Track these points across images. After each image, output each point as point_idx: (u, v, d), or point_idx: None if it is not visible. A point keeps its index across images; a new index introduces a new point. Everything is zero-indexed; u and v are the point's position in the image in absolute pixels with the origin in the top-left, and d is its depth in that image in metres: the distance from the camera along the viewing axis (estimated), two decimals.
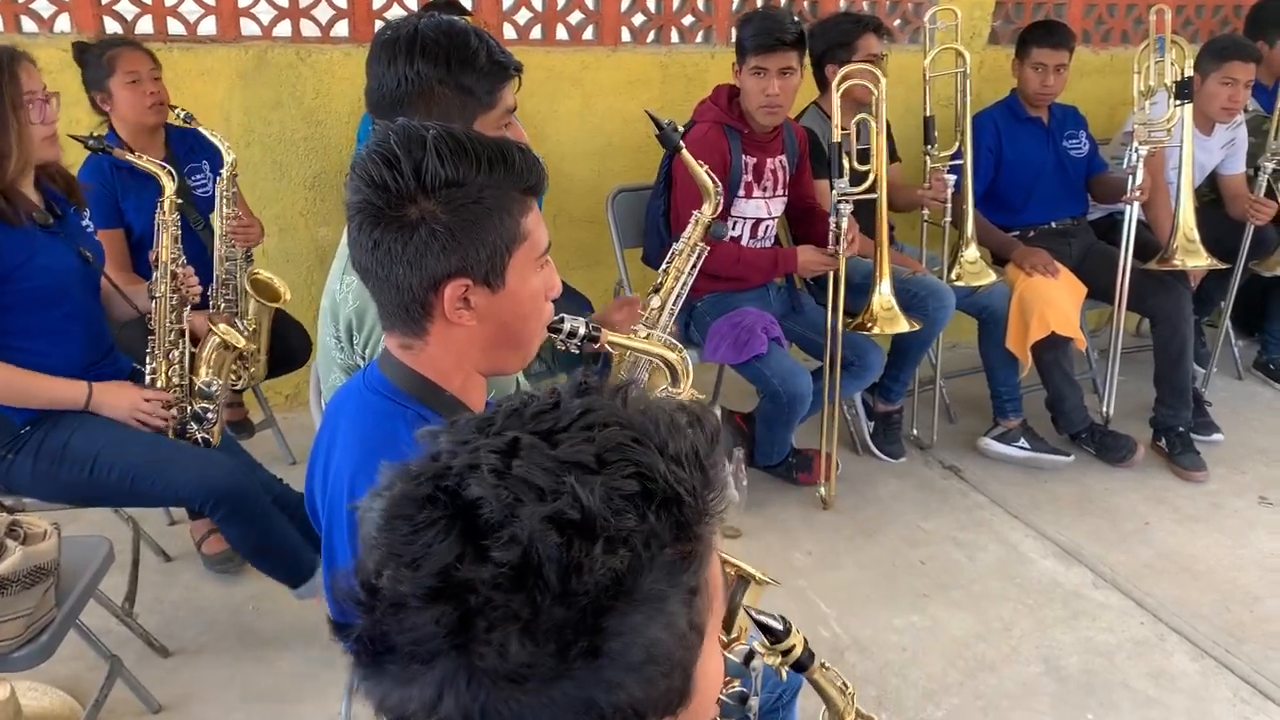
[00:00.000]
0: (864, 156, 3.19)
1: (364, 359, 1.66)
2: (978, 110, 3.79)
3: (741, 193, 3.15)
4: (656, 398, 0.74)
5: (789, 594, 2.86)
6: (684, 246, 2.45)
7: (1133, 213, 3.48)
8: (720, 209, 2.16)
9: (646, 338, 1.44)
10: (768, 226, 3.25)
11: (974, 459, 3.65)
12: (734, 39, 3.07)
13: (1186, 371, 3.59)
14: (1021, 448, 3.57)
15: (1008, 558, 3.09)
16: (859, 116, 3.16)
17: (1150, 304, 3.61)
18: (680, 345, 1.46)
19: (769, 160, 3.19)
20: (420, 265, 1.18)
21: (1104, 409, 3.70)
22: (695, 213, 2.32)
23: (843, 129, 3.02)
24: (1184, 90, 3.38)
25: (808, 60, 3.17)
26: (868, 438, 3.65)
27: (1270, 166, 3.71)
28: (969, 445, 3.71)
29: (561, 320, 1.39)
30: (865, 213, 3.13)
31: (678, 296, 2.41)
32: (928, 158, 3.48)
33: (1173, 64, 3.39)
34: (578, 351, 1.92)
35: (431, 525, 0.67)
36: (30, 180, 2.27)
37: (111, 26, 3.31)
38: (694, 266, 2.45)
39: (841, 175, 3.00)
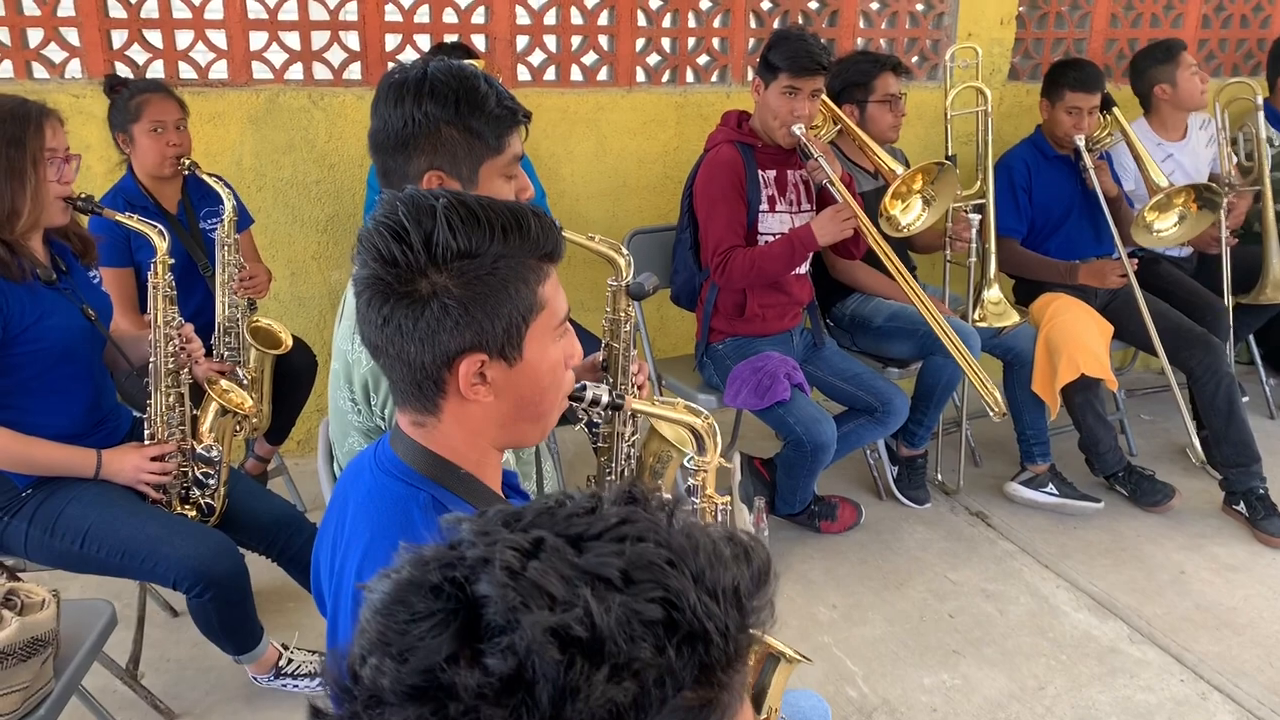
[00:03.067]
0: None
1: (384, 420, 1.60)
2: (1000, 148, 3.74)
3: (764, 206, 3.08)
4: (707, 523, 0.66)
5: (813, 651, 2.76)
6: (611, 322, 1.98)
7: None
8: (631, 267, 1.90)
9: (673, 404, 1.36)
10: None
11: (1001, 504, 3.56)
12: (761, 58, 3.00)
13: (1244, 423, 3.44)
14: (1050, 494, 3.47)
15: (1039, 610, 2.98)
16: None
17: (1185, 357, 3.50)
18: (705, 411, 1.38)
19: (790, 173, 3.12)
20: (433, 342, 1.11)
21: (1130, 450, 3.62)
22: (608, 284, 1.95)
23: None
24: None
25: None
26: (891, 483, 3.56)
27: None
28: (995, 490, 3.62)
29: (584, 388, 1.32)
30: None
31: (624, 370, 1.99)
32: (951, 201, 3.40)
33: None
34: (601, 420, 1.87)
35: (429, 617, 0.61)
36: (39, 236, 2.22)
37: (123, 71, 3.28)
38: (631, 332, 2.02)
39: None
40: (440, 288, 1.10)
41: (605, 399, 1.32)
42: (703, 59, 3.89)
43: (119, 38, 3.29)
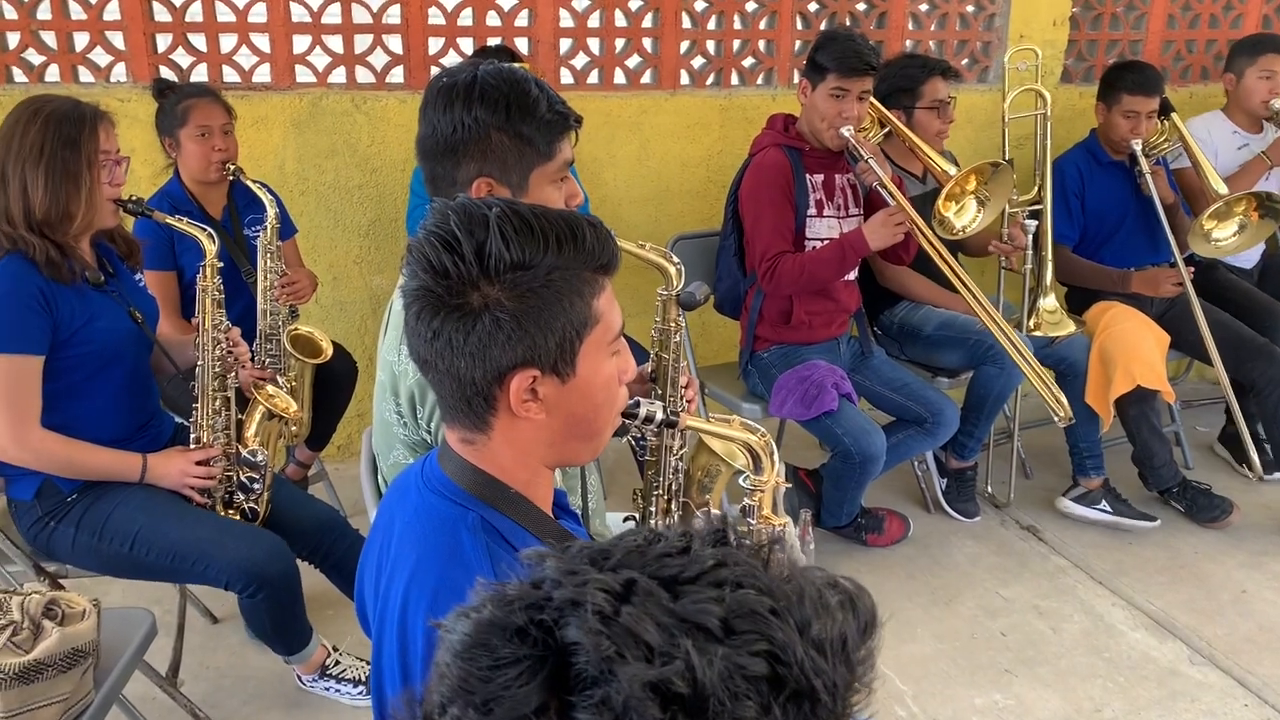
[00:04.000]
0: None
1: (430, 433, 1.56)
2: (1052, 153, 3.65)
3: (812, 210, 3.01)
4: (805, 566, 0.61)
5: None
6: (660, 332, 1.90)
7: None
8: (682, 276, 1.83)
9: (728, 421, 1.31)
10: None
11: (1053, 518, 3.46)
12: (808, 59, 2.94)
13: None
14: (1104, 510, 3.37)
15: (1095, 629, 2.89)
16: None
17: (1246, 369, 3.39)
18: (762, 429, 1.32)
19: (837, 176, 3.06)
20: (484, 357, 1.07)
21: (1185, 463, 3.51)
22: (658, 294, 1.88)
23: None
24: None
25: None
26: (940, 495, 3.47)
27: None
28: (1047, 503, 3.52)
29: (637, 405, 1.27)
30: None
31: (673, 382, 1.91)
32: (1005, 203, 3.32)
33: None
34: (655, 438, 1.81)
35: (515, 663, 0.56)
36: (88, 238, 2.21)
37: (167, 75, 3.28)
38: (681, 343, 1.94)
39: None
40: (492, 300, 1.05)
41: (659, 416, 1.27)
42: (748, 61, 3.83)
43: (164, 41, 3.29)
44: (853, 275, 3.12)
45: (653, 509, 1.90)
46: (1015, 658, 2.76)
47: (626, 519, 1.95)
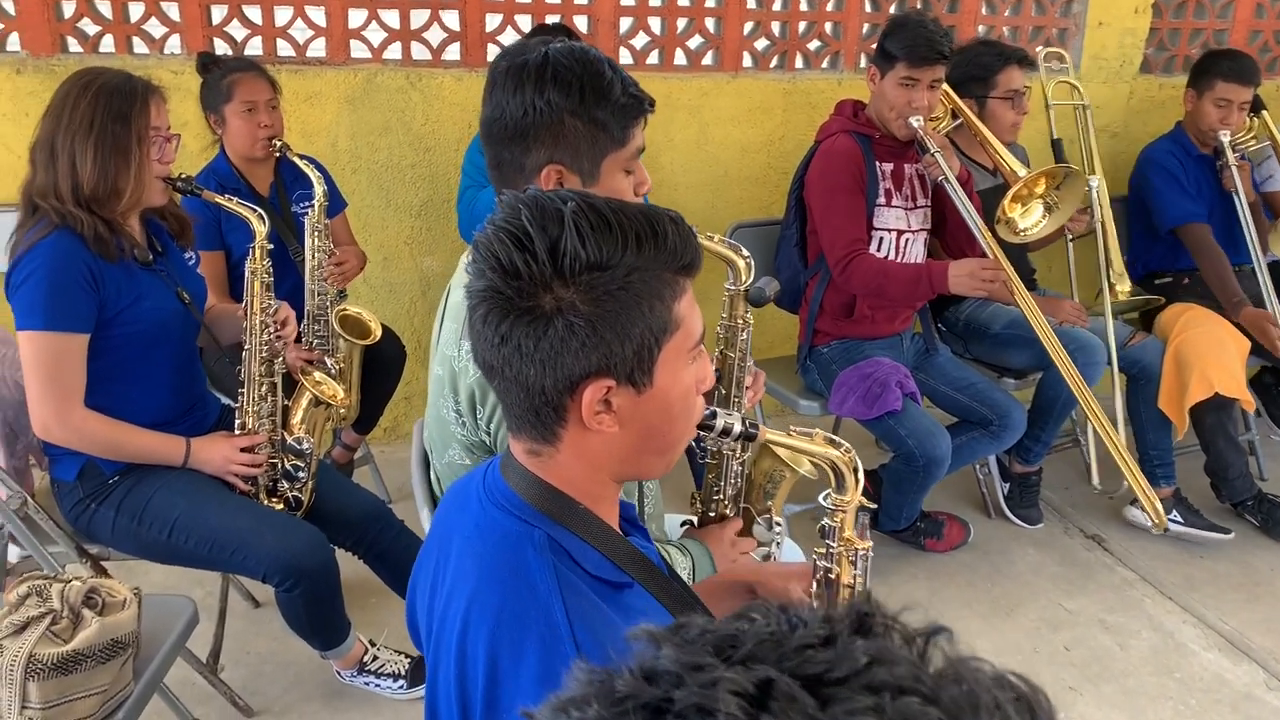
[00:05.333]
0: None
1: (489, 435, 1.47)
2: (1129, 144, 3.51)
3: (881, 200, 2.89)
4: (969, 660, 0.51)
5: None
6: (727, 329, 1.80)
7: None
8: (752, 270, 1.71)
9: (810, 435, 1.21)
10: (909, 240, 2.95)
11: (1119, 527, 3.33)
12: (878, 45, 2.82)
13: None
14: (1175, 521, 3.22)
15: (1164, 647, 2.76)
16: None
17: None
18: (846, 444, 1.22)
19: (906, 166, 2.93)
20: (555, 364, 0.98)
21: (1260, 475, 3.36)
22: (726, 288, 1.75)
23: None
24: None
25: None
26: (1001, 500, 3.35)
27: None
28: (1113, 511, 3.39)
29: (714, 416, 1.17)
30: (1011, 256, 2.87)
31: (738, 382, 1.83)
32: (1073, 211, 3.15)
33: None
34: (731, 452, 1.72)
35: None
36: (137, 216, 2.15)
37: (221, 48, 3.22)
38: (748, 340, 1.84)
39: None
40: (566, 304, 0.96)
41: (738, 428, 1.17)
42: (814, 44, 3.70)
43: (218, 13, 3.23)
44: None
45: (712, 514, 1.81)
46: (1080, 674, 2.65)
47: (684, 524, 1.86)
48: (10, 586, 1.80)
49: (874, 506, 1.38)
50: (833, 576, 1.23)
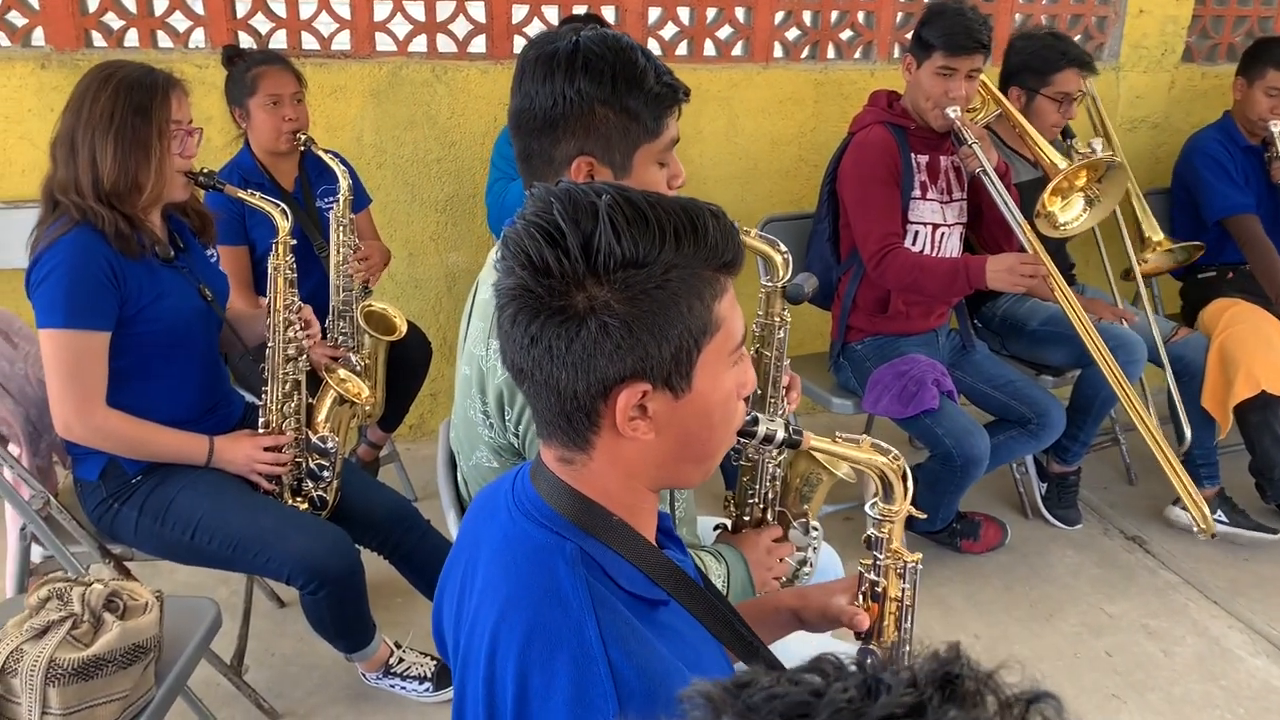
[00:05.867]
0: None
1: (517, 437, 1.42)
2: (1171, 135, 3.41)
3: (916, 193, 2.82)
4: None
5: None
6: (763, 327, 1.72)
7: None
8: (790, 266, 1.64)
9: (855, 442, 1.15)
10: (945, 235, 2.87)
11: (1160, 528, 3.24)
12: (914, 34, 2.74)
13: None
14: (1220, 521, 3.12)
15: (1209, 653, 2.68)
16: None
17: None
18: (894, 450, 1.16)
19: (942, 159, 2.86)
20: (588, 367, 0.92)
21: None
22: (762, 285, 1.68)
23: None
24: None
25: None
26: (1039, 501, 3.27)
27: None
28: (1154, 512, 3.30)
29: (755, 422, 1.11)
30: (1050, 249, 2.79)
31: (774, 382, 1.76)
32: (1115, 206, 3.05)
33: None
34: (781, 466, 1.66)
35: None
36: (158, 212, 2.11)
37: (246, 41, 3.19)
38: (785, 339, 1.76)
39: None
40: (600, 303, 0.91)
41: (780, 435, 1.12)
42: (846, 34, 3.63)
43: (243, 6, 3.19)
44: None
45: (746, 517, 1.75)
46: (1123, 681, 2.57)
47: (717, 528, 1.80)
48: (32, 588, 1.77)
49: (923, 516, 1.32)
50: (880, 590, 1.17)
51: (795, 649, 1.48)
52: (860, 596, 1.20)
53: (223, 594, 2.73)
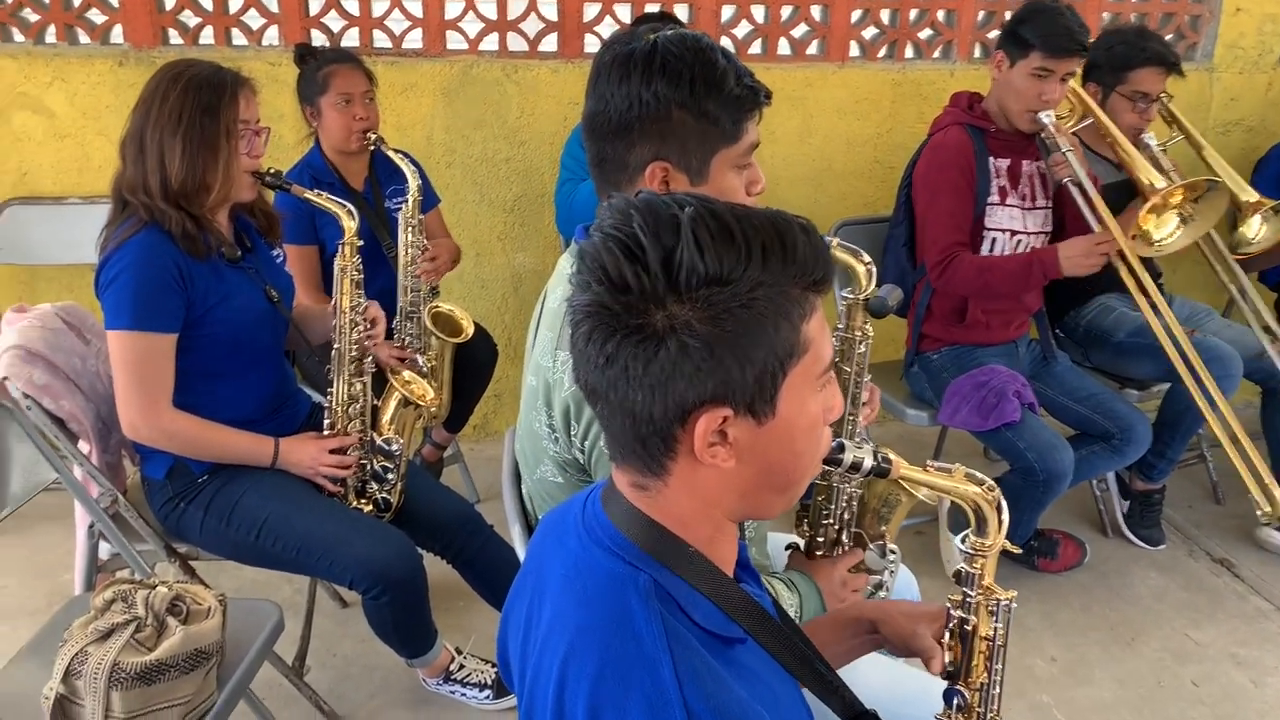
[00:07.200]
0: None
1: (582, 453, 1.37)
2: (1266, 139, 3.25)
3: (994, 198, 2.72)
4: None
5: (1030, 710, 2.43)
6: (843, 341, 1.64)
7: None
8: (873, 277, 1.58)
9: (949, 471, 1.08)
10: (1024, 243, 2.77)
11: (1249, 551, 3.09)
12: (1009, 31, 2.63)
13: None
14: None
15: None
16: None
17: None
18: (990, 480, 1.09)
19: (1024, 163, 2.75)
20: (665, 390, 0.87)
21: None
22: (844, 296, 1.62)
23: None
24: None
25: None
26: (1120, 518, 3.14)
27: None
28: (1243, 533, 3.15)
29: (841, 449, 1.05)
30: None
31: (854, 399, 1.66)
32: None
33: None
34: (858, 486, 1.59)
35: None
36: (225, 212, 2.10)
37: (318, 39, 3.19)
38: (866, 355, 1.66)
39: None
40: (680, 323, 0.85)
41: (868, 463, 1.05)
42: (925, 33, 3.53)
43: (316, 4, 3.20)
44: None
45: (820, 538, 1.68)
46: (1210, 713, 2.45)
47: (789, 547, 1.73)
48: (98, 588, 1.77)
49: (1018, 551, 1.24)
50: (969, 628, 1.10)
51: (871, 678, 1.41)
52: (947, 632, 1.13)
53: (286, 592, 2.73)
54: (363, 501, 2.24)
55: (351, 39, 3.25)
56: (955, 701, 1.12)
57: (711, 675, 0.89)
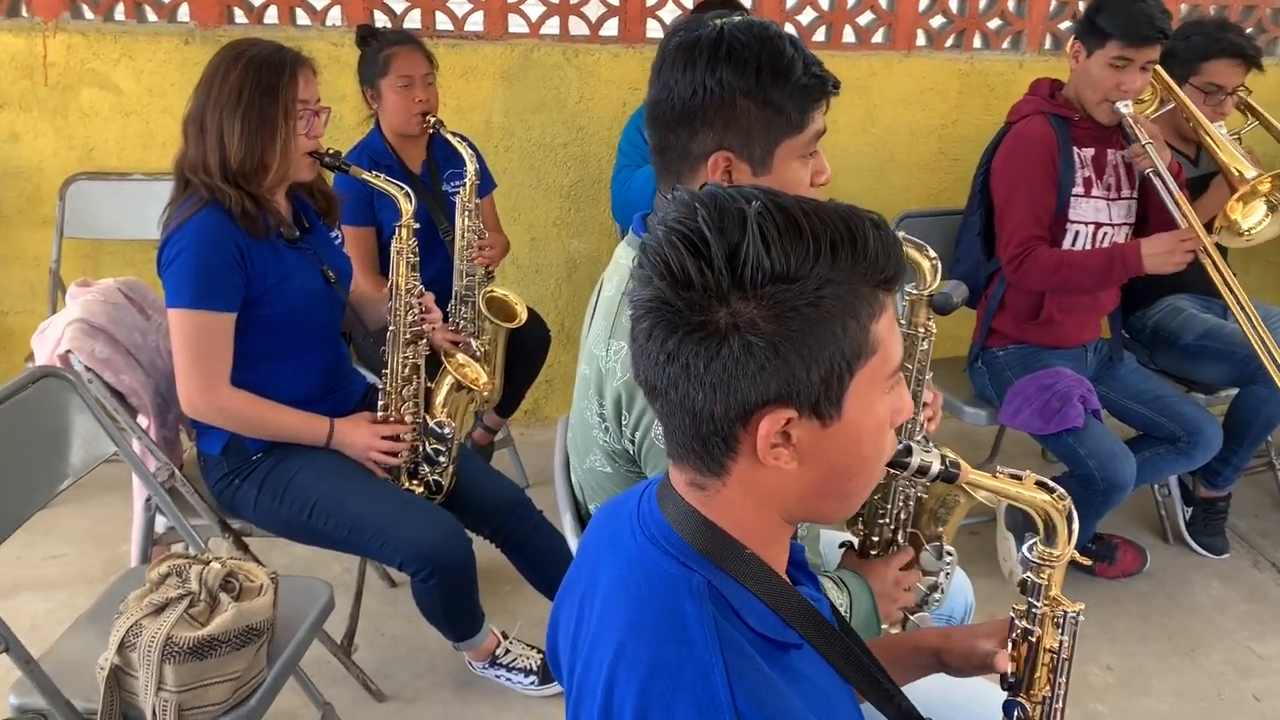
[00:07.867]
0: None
1: (632, 443, 1.36)
2: None
3: (1079, 189, 2.64)
4: None
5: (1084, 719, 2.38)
6: (906, 338, 1.57)
7: None
8: (938, 272, 1.53)
9: (1018, 478, 1.05)
10: (1108, 235, 2.69)
11: None
12: (1086, 20, 2.54)
13: None
14: None
15: None
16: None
17: None
18: (1061, 489, 1.05)
19: (1110, 152, 2.67)
20: (728, 389, 0.84)
21: None
22: (907, 291, 1.57)
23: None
24: None
25: None
26: (1182, 525, 3.05)
27: None
28: None
29: (908, 452, 1.02)
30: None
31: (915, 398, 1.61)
32: None
33: None
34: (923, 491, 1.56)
35: None
36: (284, 192, 2.11)
37: (381, 20, 3.20)
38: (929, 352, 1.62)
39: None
40: (745, 320, 0.83)
41: (936, 468, 1.02)
42: (994, 23, 3.45)
43: None
44: None
45: (875, 538, 1.65)
46: None
47: (842, 545, 1.70)
48: (154, 562, 1.79)
49: (1088, 563, 1.21)
50: (1033, 640, 1.07)
51: (920, 684, 1.38)
52: (1011, 644, 1.09)
53: (336, 570, 2.75)
54: (414, 483, 2.25)
55: (413, 20, 3.25)
56: (1016, 714, 1.09)
57: (765, 683, 0.86)
